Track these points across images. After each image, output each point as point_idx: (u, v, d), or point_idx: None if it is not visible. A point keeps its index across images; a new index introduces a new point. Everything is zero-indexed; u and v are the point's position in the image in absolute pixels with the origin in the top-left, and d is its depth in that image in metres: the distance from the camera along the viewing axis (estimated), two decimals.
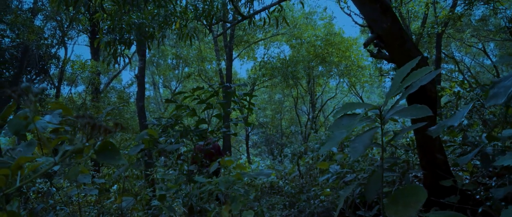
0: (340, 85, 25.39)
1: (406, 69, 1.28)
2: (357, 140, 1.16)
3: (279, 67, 19.67)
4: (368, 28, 4.35)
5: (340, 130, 1.27)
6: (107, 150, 1.07)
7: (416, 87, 1.17)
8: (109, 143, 1.07)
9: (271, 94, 26.93)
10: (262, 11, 4.38)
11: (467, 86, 6.41)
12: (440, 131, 1.42)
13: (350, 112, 1.36)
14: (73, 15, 12.48)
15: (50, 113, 4.68)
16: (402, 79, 1.25)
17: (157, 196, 2.99)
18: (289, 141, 25.93)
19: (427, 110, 1.10)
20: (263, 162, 13.77)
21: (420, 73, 1.13)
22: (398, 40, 3.97)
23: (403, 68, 1.30)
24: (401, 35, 3.97)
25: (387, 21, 3.97)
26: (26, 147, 3.90)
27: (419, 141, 3.74)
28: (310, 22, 21.44)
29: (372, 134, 1.18)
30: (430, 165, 3.75)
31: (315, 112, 23.67)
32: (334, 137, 1.22)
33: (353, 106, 1.34)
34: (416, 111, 1.12)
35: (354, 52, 20.86)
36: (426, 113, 1.09)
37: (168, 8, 4.00)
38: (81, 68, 16.10)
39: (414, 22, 16.04)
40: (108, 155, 1.07)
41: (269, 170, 3.34)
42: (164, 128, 4.73)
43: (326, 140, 6.77)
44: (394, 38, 3.98)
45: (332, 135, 1.25)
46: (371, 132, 1.19)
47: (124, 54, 4.33)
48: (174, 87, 26.85)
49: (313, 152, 7.96)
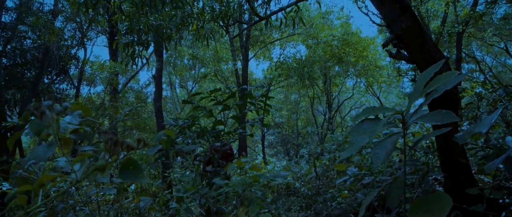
0: (357, 85, 25.12)
1: (429, 73, 1.24)
2: (379, 146, 1.13)
3: (295, 68, 19.59)
4: (386, 28, 4.27)
5: (361, 135, 1.24)
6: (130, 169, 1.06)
7: (440, 92, 1.14)
8: (132, 161, 1.06)
9: (287, 94, 26.85)
10: (279, 12, 4.35)
11: (489, 86, 6.23)
12: (467, 137, 1.37)
13: (371, 117, 1.33)
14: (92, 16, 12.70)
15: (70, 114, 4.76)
16: (426, 84, 1.22)
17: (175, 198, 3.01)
18: (305, 142, 25.81)
19: (452, 115, 1.06)
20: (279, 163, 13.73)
21: (444, 78, 1.09)
22: (418, 40, 3.89)
23: (426, 71, 1.27)
24: (421, 35, 3.89)
25: (406, 21, 3.89)
26: (46, 148, 3.97)
27: (440, 143, 3.65)
28: (327, 22, 21.28)
29: (395, 140, 1.14)
30: (451, 168, 3.66)
31: (331, 113, 23.48)
32: (355, 143, 1.19)
33: (374, 111, 1.31)
34: (440, 117, 1.08)
35: (371, 52, 20.61)
36: (451, 119, 1.05)
37: (185, 10, 4.02)
38: (100, 68, 16.37)
39: (434, 21, 15.74)
40: (131, 174, 1.06)
41: (286, 172, 3.32)
42: (181, 128, 4.76)
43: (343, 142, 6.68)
44: (414, 38, 3.90)
45: (353, 140, 1.22)
46: (394, 138, 1.15)
47: (142, 55, 4.37)
48: (190, 87, 27.05)
49: (329, 153, 7.90)
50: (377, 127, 1.15)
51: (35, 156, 3.92)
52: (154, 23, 4.29)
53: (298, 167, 10.25)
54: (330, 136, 10.28)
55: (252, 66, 24.08)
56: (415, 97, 1.21)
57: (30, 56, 15.26)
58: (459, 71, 5.10)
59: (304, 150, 19.25)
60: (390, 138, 1.16)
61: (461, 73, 1.15)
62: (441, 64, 1.25)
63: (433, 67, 1.25)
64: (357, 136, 1.24)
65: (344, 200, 5.12)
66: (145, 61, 4.53)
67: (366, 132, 1.21)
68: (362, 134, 1.23)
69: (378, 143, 1.15)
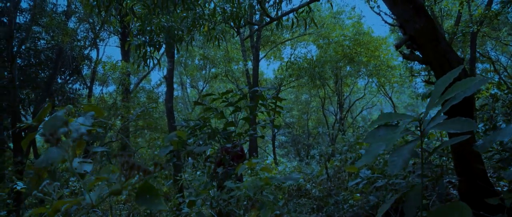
0: (369, 85, 24.88)
1: (447, 79, 1.21)
2: (396, 154, 1.10)
3: (306, 68, 19.50)
4: (399, 28, 4.21)
5: (377, 141, 1.21)
6: (147, 195, 1.01)
7: (459, 99, 1.10)
8: (149, 187, 1.01)
9: (297, 94, 26.74)
10: (290, 13, 4.33)
11: (505, 87, 6.11)
12: (487, 147, 1.33)
13: (387, 123, 1.30)
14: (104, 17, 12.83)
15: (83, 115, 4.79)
16: (444, 90, 1.19)
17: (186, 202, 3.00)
18: (315, 142, 25.69)
19: (471, 123, 1.03)
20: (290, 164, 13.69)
21: (463, 85, 1.06)
22: (432, 41, 3.83)
23: (444, 77, 1.23)
24: (435, 35, 3.82)
25: (420, 22, 3.83)
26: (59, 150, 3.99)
27: (455, 147, 3.58)
28: (338, 22, 21.13)
29: (412, 148, 1.11)
30: (466, 171, 3.59)
31: (342, 113, 23.32)
32: (372, 150, 1.16)
33: (391, 117, 1.28)
34: (459, 125, 1.05)
35: (383, 52, 20.41)
36: (470, 127, 1.02)
37: (197, 11, 4.02)
38: (112, 69, 16.53)
39: (447, 20, 15.50)
40: (148, 200, 1.02)
41: (297, 175, 3.29)
42: (192, 129, 4.77)
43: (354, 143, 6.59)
44: (428, 38, 3.84)
45: (370, 147, 1.19)
46: (411, 145, 1.12)
47: (154, 56, 4.39)
48: (201, 87, 27.15)
49: (341, 154, 7.83)
50: (394, 134, 1.12)
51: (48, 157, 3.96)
52: (166, 24, 4.30)
53: (309, 168, 10.19)
54: (342, 137, 10.20)
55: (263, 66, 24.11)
56: (433, 103, 1.17)
57: (43, 57, 15.49)
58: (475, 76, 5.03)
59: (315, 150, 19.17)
60: (407, 145, 1.13)
61: (481, 78, 1.11)
62: (459, 70, 1.21)
63: (451, 73, 1.21)
64: (374, 143, 1.21)
65: (356, 202, 5.07)
66: (156, 62, 4.55)
67: (382, 139, 1.18)
68: (378, 141, 1.20)
69: (395, 150, 1.12)
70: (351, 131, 24.91)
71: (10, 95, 13.58)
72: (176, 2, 3.48)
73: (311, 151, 22.95)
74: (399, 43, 4.06)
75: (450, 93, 1.10)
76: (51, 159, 4.00)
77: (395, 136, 1.10)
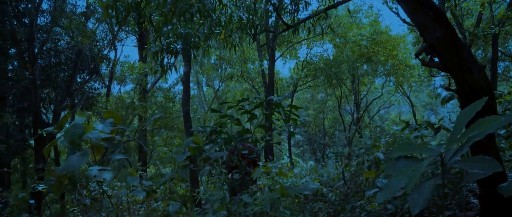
0: (387, 84, 24.51)
1: (470, 111, 1.18)
2: (417, 193, 1.08)
3: (322, 68, 19.34)
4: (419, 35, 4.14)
5: (397, 175, 1.19)
6: None
7: (482, 136, 1.08)
8: None
9: (313, 93, 26.56)
10: (307, 20, 4.30)
11: None
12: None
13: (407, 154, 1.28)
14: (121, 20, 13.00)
15: (102, 122, 4.83)
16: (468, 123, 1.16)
17: None
18: (332, 141, 25.51)
19: (497, 165, 1.00)
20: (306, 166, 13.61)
21: (487, 124, 1.03)
22: (452, 49, 3.74)
23: (467, 109, 1.21)
24: (456, 43, 3.74)
25: (440, 29, 3.75)
26: (80, 157, 4.04)
27: (474, 152, 3.50)
28: (355, 20, 20.87)
29: (433, 185, 1.09)
30: (487, 179, 3.49)
31: (359, 113, 23.07)
32: (392, 185, 1.15)
33: (411, 149, 1.26)
34: (483, 164, 1.02)
35: (401, 51, 20.07)
36: (495, 169, 0.99)
37: (213, 19, 4.03)
38: (130, 69, 16.76)
39: (468, 19, 15.14)
40: None
41: (314, 185, 3.27)
42: (209, 135, 4.79)
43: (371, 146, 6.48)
44: (448, 47, 3.76)
45: (390, 181, 1.17)
46: (432, 183, 1.10)
47: (171, 64, 4.43)
48: (217, 86, 27.26)
49: (357, 157, 7.75)
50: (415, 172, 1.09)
51: (69, 165, 4.01)
52: (183, 31, 4.33)
53: (325, 170, 10.12)
54: (359, 140, 10.09)
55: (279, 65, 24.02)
56: (455, 138, 1.15)
57: (64, 57, 15.83)
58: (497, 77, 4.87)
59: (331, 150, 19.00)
60: (428, 182, 1.11)
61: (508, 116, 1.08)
62: (482, 102, 1.19)
63: (474, 105, 1.18)
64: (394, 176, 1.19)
65: (374, 210, 5.01)
66: (174, 70, 4.59)
67: (403, 173, 1.16)
68: (398, 175, 1.18)
69: (415, 188, 1.10)
70: (368, 131, 24.63)
71: (32, 95, 13.93)
72: (193, 12, 3.50)
73: (326, 151, 22.81)
74: (419, 51, 3.99)
75: (474, 131, 1.07)
76: (72, 167, 4.05)
77: (416, 173, 1.07)
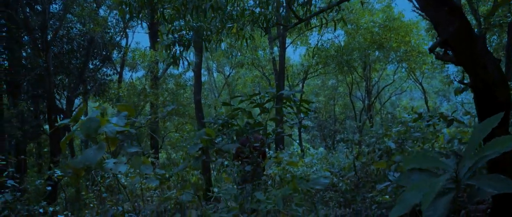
0: (399, 71, 24.23)
1: (486, 127, 1.19)
2: (431, 209, 1.10)
3: (333, 55, 19.17)
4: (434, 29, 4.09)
5: (411, 188, 1.21)
6: None
7: (497, 154, 1.09)
8: None
9: (324, 80, 26.41)
10: (320, 13, 4.27)
11: None
12: None
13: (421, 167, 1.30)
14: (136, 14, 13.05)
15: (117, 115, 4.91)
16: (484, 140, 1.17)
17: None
18: (342, 127, 25.48)
19: (510, 184, 1.01)
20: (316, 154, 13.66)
21: (503, 143, 1.04)
22: (465, 42, 3.69)
23: (483, 124, 1.21)
24: (470, 38, 3.68)
25: (454, 24, 3.68)
26: (96, 151, 4.13)
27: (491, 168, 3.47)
28: (367, 6, 20.53)
29: (448, 202, 1.11)
30: None
31: (371, 99, 22.91)
32: (406, 200, 1.17)
33: (426, 161, 1.27)
34: (498, 184, 1.03)
35: (414, 37, 19.76)
36: (508, 189, 1.00)
37: (225, 12, 4.03)
38: (141, 57, 16.86)
39: (483, 5, 14.78)
40: None
41: (325, 179, 3.30)
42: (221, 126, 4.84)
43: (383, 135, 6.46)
44: (462, 41, 3.70)
45: (404, 196, 1.20)
46: (447, 199, 1.12)
47: (184, 57, 4.47)
48: (227, 72, 27.27)
49: (368, 146, 7.77)
50: (433, 189, 1.11)
51: (86, 159, 4.11)
52: (195, 25, 4.35)
53: (336, 158, 10.17)
54: (370, 129, 10.07)
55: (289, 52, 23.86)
56: (470, 155, 1.16)
57: (76, 44, 16.01)
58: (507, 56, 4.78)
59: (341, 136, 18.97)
60: (443, 198, 1.13)
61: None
62: (498, 119, 1.19)
63: (490, 120, 1.19)
64: (408, 190, 1.21)
65: (384, 201, 5.05)
66: (187, 63, 4.63)
67: (417, 187, 1.18)
68: (412, 188, 1.20)
69: (430, 204, 1.12)
70: (379, 118, 24.52)
71: (46, 82, 14.16)
72: (206, 8, 3.51)
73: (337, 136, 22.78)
74: (433, 45, 3.94)
75: (489, 150, 1.08)
76: (88, 161, 4.14)
77: (433, 191, 1.09)
